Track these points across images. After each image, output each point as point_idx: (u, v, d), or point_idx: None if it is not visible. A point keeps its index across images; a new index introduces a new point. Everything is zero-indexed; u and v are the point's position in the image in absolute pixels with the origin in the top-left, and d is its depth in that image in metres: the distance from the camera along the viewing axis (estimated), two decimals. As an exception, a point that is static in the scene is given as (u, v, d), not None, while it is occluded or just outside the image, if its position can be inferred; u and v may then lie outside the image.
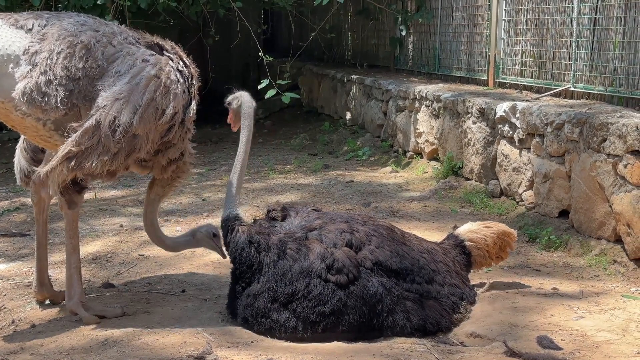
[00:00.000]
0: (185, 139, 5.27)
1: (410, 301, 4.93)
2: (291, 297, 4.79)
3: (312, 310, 4.76)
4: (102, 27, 5.04)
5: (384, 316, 4.85)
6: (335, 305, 4.76)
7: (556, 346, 4.61)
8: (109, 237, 7.46)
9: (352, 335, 4.82)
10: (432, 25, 12.58)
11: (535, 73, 9.35)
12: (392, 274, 4.95)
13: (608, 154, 6.41)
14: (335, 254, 4.85)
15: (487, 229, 5.66)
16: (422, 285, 5.02)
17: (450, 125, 9.81)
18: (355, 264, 4.86)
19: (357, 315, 4.80)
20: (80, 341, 4.73)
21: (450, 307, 5.08)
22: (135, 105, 4.83)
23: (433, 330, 4.94)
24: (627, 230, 6.14)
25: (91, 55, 4.85)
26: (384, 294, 4.85)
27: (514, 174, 8.12)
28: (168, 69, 4.99)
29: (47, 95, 4.75)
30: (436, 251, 5.36)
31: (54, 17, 4.98)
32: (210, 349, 4.53)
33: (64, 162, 4.80)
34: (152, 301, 5.55)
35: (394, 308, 4.87)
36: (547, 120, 7.39)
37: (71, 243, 5.18)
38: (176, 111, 5.01)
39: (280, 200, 8.62)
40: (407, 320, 4.88)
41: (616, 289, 5.80)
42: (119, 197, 9.37)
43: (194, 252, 6.85)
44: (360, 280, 4.83)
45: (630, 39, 7.33)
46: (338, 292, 4.77)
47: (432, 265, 5.15)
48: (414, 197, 8.97)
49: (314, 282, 4.79)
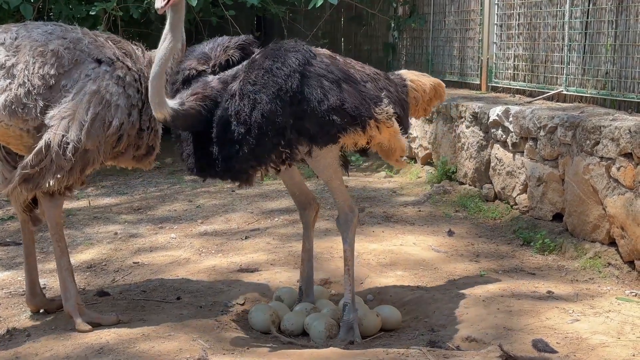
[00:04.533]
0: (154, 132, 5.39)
1: (328, 81, 4.82)
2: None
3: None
4: (69, 34, 5.10)
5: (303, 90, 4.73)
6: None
7: (551, 349, 4.62)
8: (103, 245, 7.45)
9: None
10: (425, 30, 12.60)
11: (527, 77, 9.38)
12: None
13: (601, 156, 6.43)
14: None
15: (424, 76, 5.91)
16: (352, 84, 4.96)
17: (444, 130, 9.83)
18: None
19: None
20: (75, 349, 4.72)
21: (371, 98, 4.99)
22: (81, 122, 4.92)
23: (353, 114, 4.83)
24: (621, 232, 6.16)
25: (60, 63, 4.93)
26: (308, 76, 4.76)
27: (508, 178, 8.13)
28: (106, 82, 5.05)
29: (27, 107, 4.85)
30: (379, 77, 5.29)
31: (22, 29, 5.04)
32: (205, 356, 4.53)
33: (22, 184, 4.94)
34: (147, 309, 5.55)
35: (311, 83, 4.75)
36: (540, 124, 7.41)
37: (59, 246, 5.23)
38: (122, 122, 5.10)
39: (275, 207, 8.65)
40: (324, 97, 4.74)
41: (611, 291, 5.81)
42: (113, 205, 9.36)
43: (189, 258, 6.85)
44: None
45: (622, 42, 7.36)
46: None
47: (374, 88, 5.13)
48: (408, 202, 8.98)
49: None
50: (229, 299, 5.80)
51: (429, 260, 6.71)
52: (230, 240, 7.46)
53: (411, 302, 5.77)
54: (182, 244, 7.40)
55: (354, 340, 5.07)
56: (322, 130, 4.80)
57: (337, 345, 4.95)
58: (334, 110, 4.76)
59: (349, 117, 4.83)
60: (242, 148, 4.67)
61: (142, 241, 7.58)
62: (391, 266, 6.58)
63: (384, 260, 6.70)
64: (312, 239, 5.73)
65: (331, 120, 4.76)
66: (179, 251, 7.14)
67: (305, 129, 4.77)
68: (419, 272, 6.42)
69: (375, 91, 5.07)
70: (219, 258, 6.85)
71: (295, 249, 6.83)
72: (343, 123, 4.82)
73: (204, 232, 7.85)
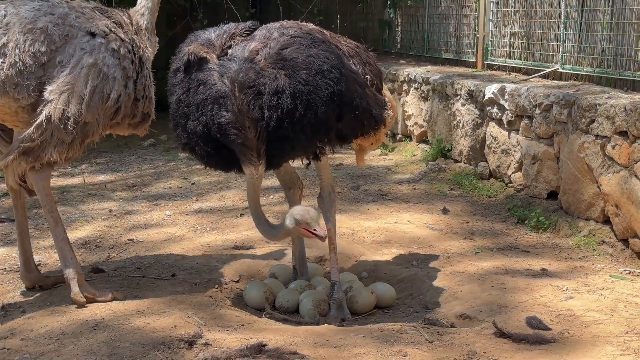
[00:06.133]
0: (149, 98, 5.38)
1: (357, 84, 4.99)
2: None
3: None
4: (56, 9, 5.06)
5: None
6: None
7: (545, 326, 4.63)
8: (98, 222, 7.45)
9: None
10: (421, 7, 12.56)
11: (523, 55, 9.36)
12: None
13: (596, 135, 6.43)
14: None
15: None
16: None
17: (439, 108, 9.81)
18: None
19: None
20: (70, 326, 4.73)
21: (381, 102, 5.22)
22: (80, 95, 4.91)
23: (377, 118, 5.07)
24: (616, 210, 6.17)
25: (51, 40, 4.89)
26: (347, 79, 4.86)
27: (503, 156, 8.13)
28: (102, 55, 5.03)
29: (19, 86, 4.83)
30: (360, 50, 5.37)
31: (9, 6, 5.00)
32: (200, 333, 4.53)
33: (22, 156, 4.93)
34: (142, 285, 5.55)
35: (350, 87, 4.87)
36: (536, 102, 7.40)
37: (51, 217, 5.20)
38: (119, 94, 5.10)
39: (269, 184, 8.64)
40: (360, 100, 4.92)
41: (605, 269, 5.83)
42: (107, 182, 9.34)
43: (184, 236, 6.86)
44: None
45: (619, 19, 7.33)
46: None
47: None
48: (404, 179, 8.98)
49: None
50: (223, 276, 5.80)
51: (423, 237, 6.72)
52: (225, 217, 7.46)
53: (406, 279, 5.79)
54: (177, 221, 7.40)
55: (345, 317, 5.11)
56: (353, 132, 5.09)
57: (330, 322, 4.97)
58: (365, 113, 4.98)
59: (374, 121, 5.09)
60: (294, 146, 4.75)
61: (137, 218, 7.57)
62: (386, 244, 6.59)
63: (378, 237, 6.71)
64: None
65: (363, 123, 5.03)
66: (174, 228, 7.14)
67: (339, 130, 4.96)
68: (413, 249, 6.44)
69: (376, 90, 5.27)
70: (214, 235, 6.85)
71: (290, 227, 6.82)
72: (370, 125, 5.10)
73: (199, 209, 7.84)
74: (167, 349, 4.36)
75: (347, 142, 5.31)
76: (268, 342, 4.40)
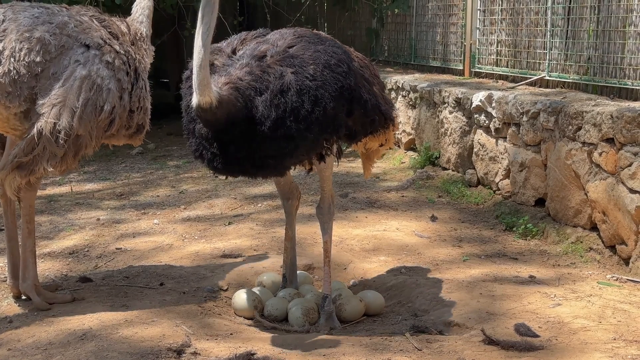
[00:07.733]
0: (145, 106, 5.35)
1: (365, 80, 4.96)
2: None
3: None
4: (56, 17, 5.04)
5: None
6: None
7: (533, 333, 4.64)
8: (85, 231, 7.42)
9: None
10: (408, 15, 12.60)
11: (510, 62, 9.40)
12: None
13: (583, 142, 6.46)
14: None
15: None
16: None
17: (427, 115, 9.83)
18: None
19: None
20: (58, 336, 4.71)
21: (389, 101, 5.25)
22: (72, 108, 4.89)
23: (386, 115, 5.06)
24: (603, 217, 6.20)
25: (47, 50, 4.88)
26: (355, 74, 4.83)
27: (491, 163, 8.16)
28: (96, 67, 5.01)
29: (10, 95, 4.82)
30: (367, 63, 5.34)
31: (9, 11, 4.98)
32: (189, 342, 4.52)
33: (15, 170, 4.93)
34: (130, 295, 5.53)
35: (358, 81, 4.84)
36: (523, 110, 7.43)
37: (27, 227, 5.28)
38: (113, 105, 5.07)
39: (258, 192, 8.64)
40: (369, 95, 4.89)
41: (592, 276, 5.85)
42: (95, 191, 9.31)
43: (172, 244, 6.84)
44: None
45: (604, 27, 7.37)
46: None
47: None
48: (392, 187, 8.99)
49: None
50: (212, 285, 5.79)
51: (412, 245, 6.73)
52: (214, 225, 7.45)
53: (394, 287, 5.79)
54: (165, 230, 7.38)
55: (335, 326, 5.10)
56: (362, 128, 4.99)
57: (320, 331, 4.97)
58: (374, 109, 4.94)
59: (383, 117, 5.06)
60: (298, 145, 4.55)
61: (125, 227, 7.55)
62: (374, 251, 6.59)
63: (367, 245, 6.72)
64: (295, 227, 5.73)
65: (373, 119, 4.96)
66: (162, 237, 7.12)
67: (349, 127, 4.87)
68: (402, 257, 6.44)
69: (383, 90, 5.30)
70: (202, 244, 6.84)
71: (278, 235, 6.82)
72: (380, 122, 5.05)
73: (187, 217, 7.83)
74: (156, 358, 4.34)
75: (357, 140, 5.11)
76: (257, 351, 4.39)
